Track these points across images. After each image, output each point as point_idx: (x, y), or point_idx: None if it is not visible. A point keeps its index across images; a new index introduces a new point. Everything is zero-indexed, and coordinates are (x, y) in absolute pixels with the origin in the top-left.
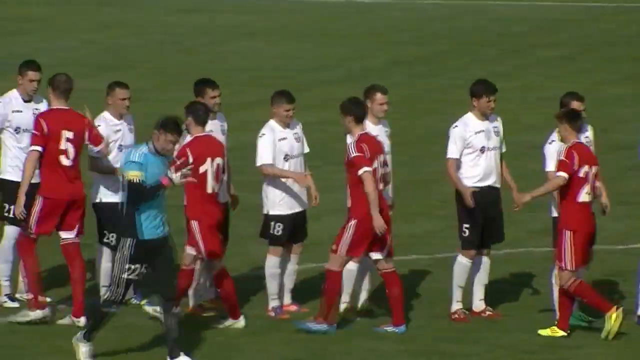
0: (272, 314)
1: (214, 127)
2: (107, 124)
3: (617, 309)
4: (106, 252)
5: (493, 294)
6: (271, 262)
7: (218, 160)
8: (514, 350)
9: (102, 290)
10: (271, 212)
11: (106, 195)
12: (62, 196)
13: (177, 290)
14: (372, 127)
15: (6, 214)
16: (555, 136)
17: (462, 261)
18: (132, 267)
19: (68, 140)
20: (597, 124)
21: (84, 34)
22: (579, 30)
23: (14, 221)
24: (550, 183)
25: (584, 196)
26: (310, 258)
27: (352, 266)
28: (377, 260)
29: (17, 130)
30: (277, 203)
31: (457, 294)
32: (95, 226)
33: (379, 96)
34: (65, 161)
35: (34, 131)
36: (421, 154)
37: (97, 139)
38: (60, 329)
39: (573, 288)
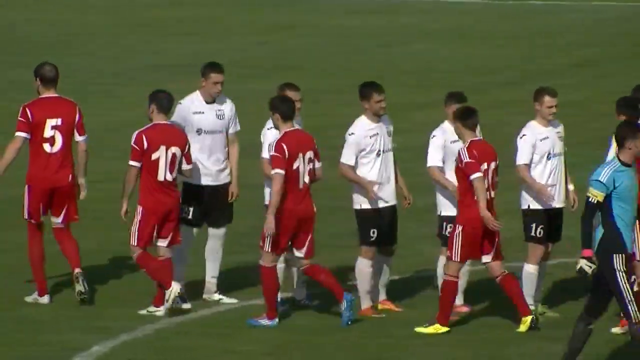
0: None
1: (380, 131)
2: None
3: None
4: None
5: None
6: (443, 263)
7: (174, 149)
8: None
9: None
10: (443, 213)
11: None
12: (44, 184)
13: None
14: (541, 129)
15: (185, 215)
16: None
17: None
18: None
19: (54, 127)
20: None
21: (256, 36)
22: None
23: (191, 223)
24: (478, 187)
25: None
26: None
27: (532, 269)
28: (298, 258)
29: (198, 131)
30: (449, 204)
31: None
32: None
33: (547, 99)
34: (48, 149)
35: (20, 118)
36: (593, 156)
37: (82, 128)
38: (229, 330)
39: (500, 280)
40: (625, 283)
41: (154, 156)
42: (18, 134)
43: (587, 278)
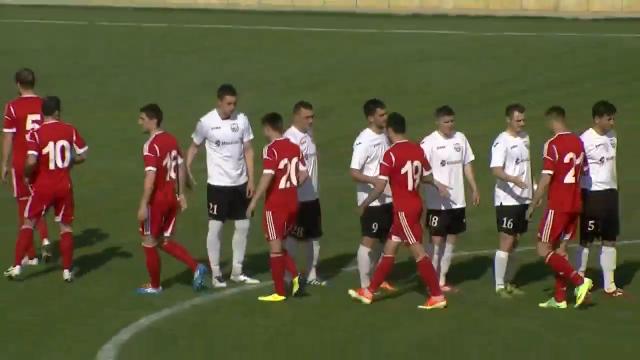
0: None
1: (382, 140)
2: (294, 136)
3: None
4: (293, 243)
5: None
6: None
7: (62, 142)
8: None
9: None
10: (430, 207)
11: (302, 196)
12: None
13: (16, 249)
14: (512, 139)
15: (211, 212)
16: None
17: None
18: None
19: (34, 122)
20: None
21: (288, 57)
22: None
23: (216, 217)
24: (263, 180)
25: (284, 183)
26: (463, 247)
27: (503, 255)
28: (164, 238)
29: (217, 143)
30: (434, 200)
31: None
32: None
33: (516, 114)
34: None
35: (5, 116)
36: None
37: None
38: (253, 307)
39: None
40: None
41: (44, 151)
42: (6, 130)
43: None
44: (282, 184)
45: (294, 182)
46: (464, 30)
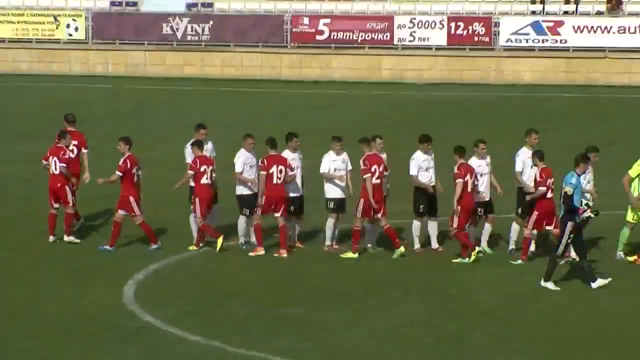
0: (326, 249)
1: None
2: (244, 155)
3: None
4: (242, 219)
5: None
6: (329, 222)
7: (53, 158)
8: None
9: (241, 239)
10: (328, 196)
11: (243, 191)
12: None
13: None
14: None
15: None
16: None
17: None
18: (572, 236)
19: (74, 145)
20: None
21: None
22: None
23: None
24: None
25: (204, 180)
26: (346, 221)
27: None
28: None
29: None
30: (331, 192)
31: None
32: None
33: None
34: (71, 155)
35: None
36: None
37: (85, 145)
38: (221, 256)
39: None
40: (568, 237)
41: (49, 161)
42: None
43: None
44: (203, 181)
45: (211, 180)
46: (347, 90)
